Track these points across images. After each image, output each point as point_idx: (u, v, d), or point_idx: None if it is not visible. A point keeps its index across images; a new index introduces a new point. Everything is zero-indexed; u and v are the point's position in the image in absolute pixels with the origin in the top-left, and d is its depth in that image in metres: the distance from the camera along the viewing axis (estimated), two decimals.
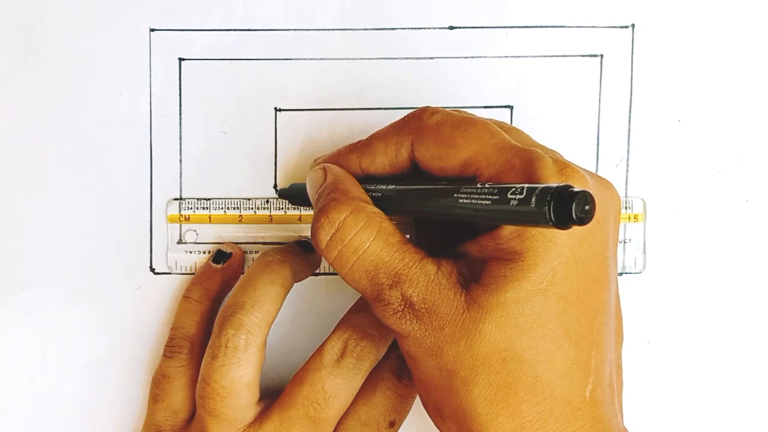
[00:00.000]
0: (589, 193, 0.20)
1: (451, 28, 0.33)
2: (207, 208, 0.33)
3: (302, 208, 0.33)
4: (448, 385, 0.24)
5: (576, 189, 0.20)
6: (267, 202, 0.33)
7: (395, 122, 0.28)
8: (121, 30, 0.33)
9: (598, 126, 0.33)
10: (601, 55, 0.33)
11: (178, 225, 0.33)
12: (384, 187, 0.27)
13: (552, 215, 0.20)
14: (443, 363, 0.24)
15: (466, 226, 0.27)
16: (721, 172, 0.33)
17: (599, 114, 0.33)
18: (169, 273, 0.34)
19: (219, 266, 0.33)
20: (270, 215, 0.33)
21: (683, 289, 0.34)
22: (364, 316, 0.29)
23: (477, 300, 0.24)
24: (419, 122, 0.27)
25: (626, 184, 0.33)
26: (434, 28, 0.33)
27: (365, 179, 0.28)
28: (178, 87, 0.33)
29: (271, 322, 0.29)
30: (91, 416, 0.34)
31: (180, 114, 0.34)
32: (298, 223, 0.33)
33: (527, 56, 0.33)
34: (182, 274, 0.34)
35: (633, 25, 0.33)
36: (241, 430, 0.28)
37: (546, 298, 0.24)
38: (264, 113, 0.34)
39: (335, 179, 0.27)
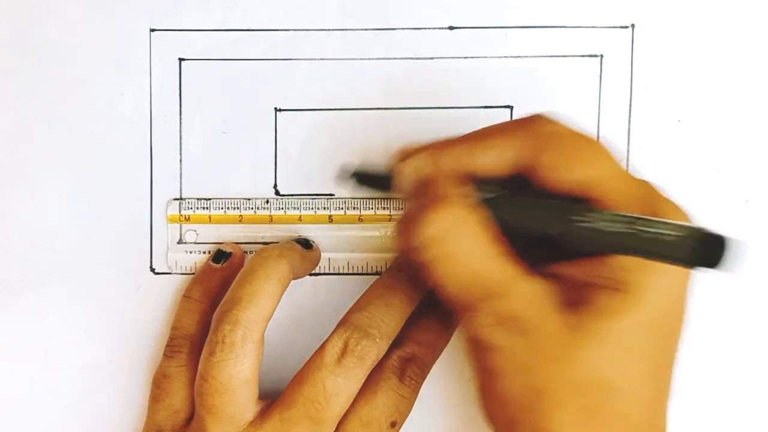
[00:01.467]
0: (734, 241, 0.21)
1: (451, 28, 0.33)
2: (207, 208, 0.33)
3: (303, 208, 0.33)
4: (531, 404, 0.24)
5: (727, 237, 0.21)
6: (267, 202, 0.33)
7: (504, 123, 0.27)
8: (121, 30, 0.33)
9: (598, 126, 0.33)
10: (601, 55, 0.33)
11: (178, 225, 0.34)
12: (499, 191, 0.26)
13: (699, 258, 0.21)
14: (532, 381, 0.24)
15: (556, 246, 0.26)
16: (721, 172, 0.33)
17: (599, 114, 0.33)
18: (169, 273, 0.34)
19: (219, 266, 0.33)
20: (270, 215, 0.33)
21: None
22: (364, 315, 0.29)
23: (578, 326, 0.24)
24: (538, 128, 0.26)
25: None
26: (434, 28, 0.33)
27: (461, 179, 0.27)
28: (178, 87, 0.33)
29: (268, 317, 0.29)
30: (91, 416, 0.34)
31: (180, 114, 0.34)
32: (298, 223, 0.33)
33: (527, 56, 0.33)
34: (182, 274, 0.34)
35: (633, 25, 0.33)
36: (240, 429, 0.28)
37: (647, 333, 0.24)
38: (264, 113, 0.34)
39: (438, 174, 0.26)
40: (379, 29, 0.33)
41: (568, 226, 0.24)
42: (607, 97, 0.33)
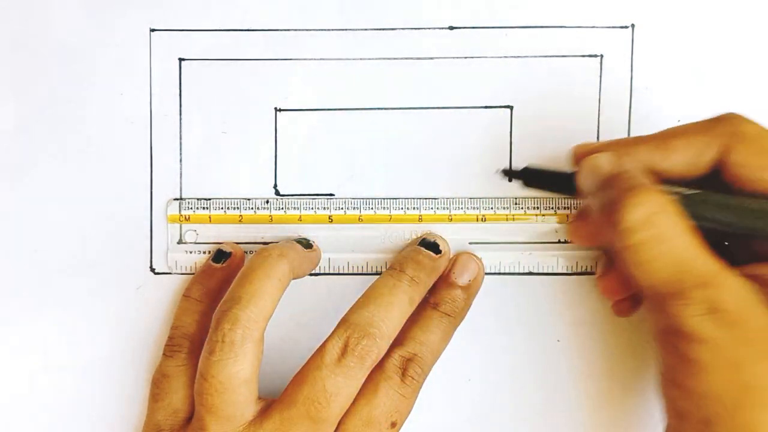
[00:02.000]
0: None
1: (451, 28, 0.33)
2: (207, 208, 0.33)
3: (303, 208, 0.33)
4: (738, 402, 0.24)
5: None
6: (267, 202, 0.33)
7: (698, 122, 0.27)
8: (121, 30, 0.33)
9: (598, 126, 0.33)
10: (601, 55, 0.33)
11: (178, 225, 0.34)
12: (687, 190, 0.26)
13: None
14: (741, 377, 0.24)
15: (750, 247, 0.26)
16: None
17: (599, 114, 0.33)
18: (169, 273, 0.34)
19: (219, 265, 0.33)
20: (270, 215, 0.33)
21: None
22: (365, 314, 0.29)
23: None
24: (734, 127, 0.26)
25: None
26: (434, 28, 0.33)
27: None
28: (178, 87, 0.33)
29: (268, 316, 0.29)
30: (91, 416, 0.34)
31: (180, 114, 0.34)
32: (298, 223, 0.33)
33: (527, 56, 0.33)
34: (182, 274, 0.34)
35: (633, 25, 0.33)
36: (240, 429, 0.28)
37: None
38: (264, 113, 0.34)
39: (632, 169, 0.26)
40: (379, 29, 0.33)
41: None
42: (607, 97, 0.33)
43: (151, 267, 0.34)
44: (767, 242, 0.25)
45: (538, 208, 0.33)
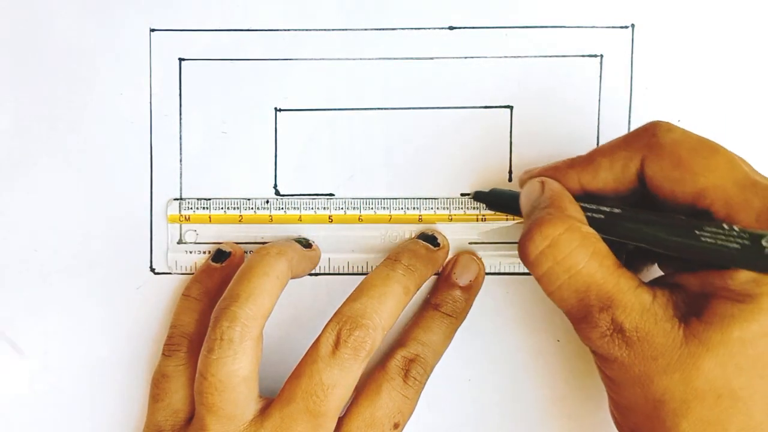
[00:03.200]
0: None
1: (451, 28, 0.33)
2: (207, 208, 0.33)
3: (303, 208, 0.33)
4: (653, 414, 0.24)
5: None
6: (267, 202, 0.33)
7: (623, 136, 0.27)
8: (121, 30, 0.33)
9: (598, 126, 0.33)
10: (601, 55, 0.33)
11: (178, 225, 0.34)
12: (607, 209, 0.27)
13: None
14: (651, 392, 0.24)
15: (674, 258, 0.26)
16: None
17: (599, 114, 0.33)
18: (169, 273, 0.34)
19: (219, 265, 0.33)
20: (270, 215, 0.33)
21: None
22: (357, 306, 0.29)
23: (698, 335, 0.24)
24: (653, 138, 0.26)
25: None
26: (434, 28, 0.33)
27: (583, 197, 0.28)
28: (178, 87, 0.33)
29: (266, 314, 0.29)
30: (91, 416, 0.34)
31: (180, 114, 0.34)
32: (298, 223, 0.33)
33: (527, 56, 0.33)
34: (182, 274, 0.34)
35: (633, 25, 0.33)
36: (241, 428, 0.28)
37: None
38: (264, 113, 0.34)
39: (552, 194, 0.27)
40: (379, 29, 0.33)
41: (693, 242, 0.24)
42: (607, 97, 0.33)
43: (151, 267, 0.34)
44: (698, 256, 0.25)
45: None
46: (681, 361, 0.24)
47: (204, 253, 0.34)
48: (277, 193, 0.34)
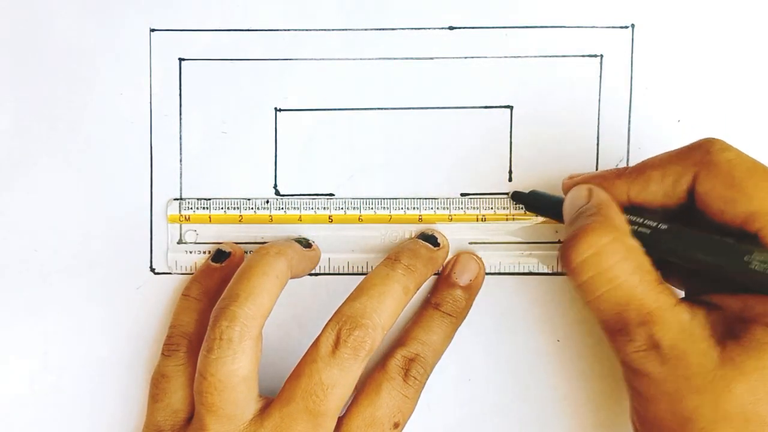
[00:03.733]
0: None
1: (451, 28, 0.33)
2: (207, 208, 0.33)
3: (303, 208, 0.33)
4: (679, 430, 0.24)
5: None
6: (267, 202, 0.33)
7: (675, 151, 0.27)
8: (121, 30, 0.33)
9: (598, 126, 0.33)
10: (601, 55, 0.33)
11: (178, 225, 0.34)
12: (654, 224, 0.27)
13: None
14: (680, 410, 0.24)
15: (718, 279, 0.26)
16: None
17: (599, 114, 0.33)
18: (169, 273, 0.34)
19: (218, 265, 0.33)
20: (270, 215, 0.33)
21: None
22: (356, 306, 0.28)
23: (734, 359, 0.24)
24: (707, 155, 0.26)
25: None
26: (434, 28, 0.33)
27: (629, 209, 0.28)
28: (178, 87, 0.33)
29: (266, 314, 0.29)
30: (91, 416, 0.34)
31: (180, 114, 0.34)
32: (298, 223, 0.33)
33: (527, 56, 0.33)
34: (182, 273, 0.34)
35: (633, 25, 0.33)
36: (241, 428, 0.28)
37: None
38: (264, 113, 0.34)
39: (599, 202, 0.27)
40: (379, 29, 0.33)
41: (741, 267, 0.25)
42: (607, 97, 0.33)
43: (151, 267, 0.34)
44: (742, 279, 0.25)
45: None
46: (714, 382, 0.24)
47: (204, 253, 0.34)
48: (277, 193, 0.34)
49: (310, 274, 0.33)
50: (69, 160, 0.33)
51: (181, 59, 0.33)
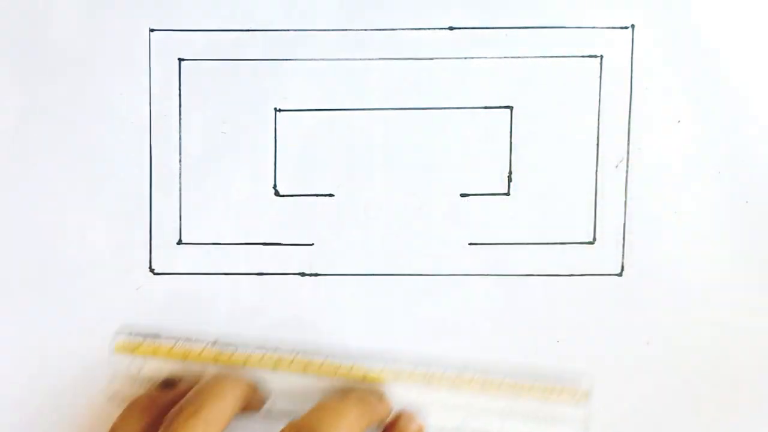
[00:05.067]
0: None
1: (451, 28, 0.33)
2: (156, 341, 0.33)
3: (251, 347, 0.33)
4: None
5: None
6: (214, 343, 0.33)
7: None
8: (121, 30, 0.33)
9: (598, 126, 0.33)
10: (601, 56, 0.33)
11: (128, 355, 0.33)
12: None
13: None
14: None
15: None
16: (721, 173, 0.33)
17: (599, 114, 0.33)
18: (170, 273, 0.34)
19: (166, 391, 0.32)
20: (216, 355, 0.33)
21: (682, 290, 0.34)
22: (312, 417, 0.28)
23: None
24: None
25: (626, 184, 0.33)
26: (434, 29, 0.33)
27: None
28: (177, 87, 0.33)
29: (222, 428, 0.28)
30: (92, 416, 0.34)
31: (180, 114, 0.34)
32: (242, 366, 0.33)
33: (527, 56, 0.33)
34: (182, 274, 0.34)
35: (633, 26, 0.33)
36: None
37: None
38: (264, 113, 0.34)
39: None
40: (379, 29, 0.33)
41: None
42: (607, 97, 0.33)
43: (150, 267, 0.34)
44: None
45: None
46: None
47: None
48: (277, 193, 0.34)
49: (311, 274, 0.33)
50: (69, 160, 0.33)
51: (180, 59, 0.33)
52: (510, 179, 0.33)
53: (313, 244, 0.34)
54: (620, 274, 0.34)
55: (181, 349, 0.33)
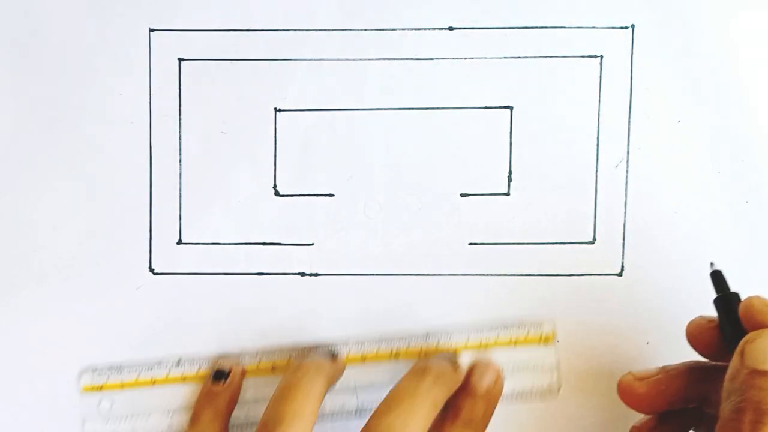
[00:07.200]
0: None
1: (451, 28, 0.33)
2: (120, 372, 0.33)
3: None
4: None
5: None
6: (178, 363, 0.33)
7: None
8: (121, 30, 0.33)
9: (598, 126, 0.33)
10: (601, 56, 0.33)
11: (94, 393, 0.33)
12: None
13: None
14: None
15: None
16: (721, 173, 0.33)
17: (599, 114, 0.33)
18: (170, 273, 0.34)
19: (221, 384, 0.32)
20: (183, 376, 0.33)
21: (682, 290, 0.34)
22: (385, 422, 0.28)
23: None
24: None
25: (626, 184, 0.33)
26: (434, 29, 0.33)
27: None
28: (177, 87, 0.33)
29: None
30: (92, 416, 0.34)
31: (180, 114, 0.34)
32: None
33: (527, 56, 0.33)
34: (182, 274, 0.34)
35: (633, 26, 0.33)
36: None
37: None
38: (264, 113, 0.34)
39: None
40: (379, 29, 0.33)
41: None
42: (607, 97, 0.33)
43: (150, 267, 0.34)
44: None
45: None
46: None
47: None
48: (277, 193, 0.34)
49: (311, 275, 0.33)
50: (69, 160, 0.33)
51: (180, 59, 0.33)
52: (510, 179, 0.33)
53: (313, 244, 0.34)
54: (620, 274, 0.34)
55: (147, 377, 0.33)
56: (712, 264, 0.31)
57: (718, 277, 0.30)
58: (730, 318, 0.29)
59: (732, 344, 0.27)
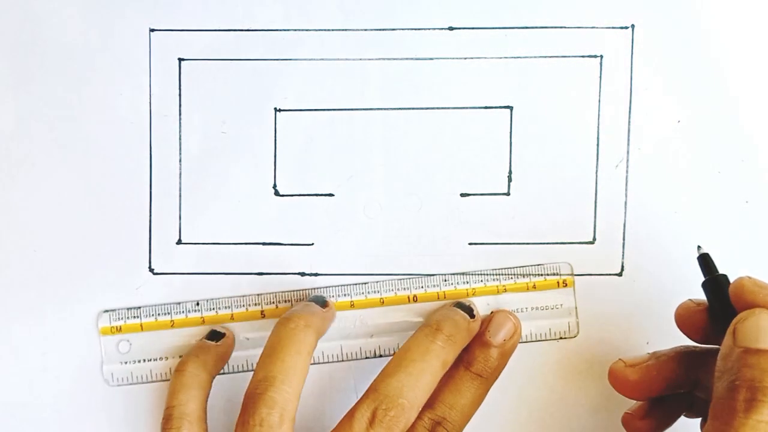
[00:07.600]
0: None
1: (451, 28, 0.33)
2: (138, 317, 0.33)
3: (234, 306, 0.33)
4: None
5: None
6: (197, 304, 0.33)
7: None
8: (121, 30, 0.33)
9: (598, 126, 0.33)
10: (601, 56, 0.33)
11: (110, 336, 0.33)
12: None
13: None
14: None
15: None
16: (721, 173, 0.33)
17: (599, 114, 0.33)
18: (169, 273, 0.34)
19: (214, 343, 0.32)
20: (202, 317, 0.33)
21: (682, 290, 0.33)
22: (393, 384, 0.28)
23: None
24: None
25: (626, 184, 0.33)
26: (434, 29, 0.33)
27: None
28: (177, 87, 0.33)
29: (300, 392, 0.29)
30: (91, 417, 0.34)
31: (180, 114, 0.34)
32: (231, 322, 0.33)
33: (527, 56, 0.33)
34: (182, 274, 0.34)
35: (633, 26, 0.33)
36: None
37: None
38: (264, 113, 0.34)
39: None
40: (379, 29, 0.33)
41: None
42: (607, 97, 0.33)
43: (150, 267, 0.34)
44: None
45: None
46: None
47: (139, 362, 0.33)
48: (277, 193, 0.34)
49: (311, 275, 0.33)
50: (69, 160, 0.33)
51: (180, 59, 0.33)
52: (510, 179, 0.33)
53: (313, 244, 0.34)
54: (620, 274, 0.34)
55: (166, 319, 0.33)
56: (699, 247, 0.30)
57: (706, 260, 0.30)
58: (719, 300, 0.29)
59: (722, 326, 0.27)
